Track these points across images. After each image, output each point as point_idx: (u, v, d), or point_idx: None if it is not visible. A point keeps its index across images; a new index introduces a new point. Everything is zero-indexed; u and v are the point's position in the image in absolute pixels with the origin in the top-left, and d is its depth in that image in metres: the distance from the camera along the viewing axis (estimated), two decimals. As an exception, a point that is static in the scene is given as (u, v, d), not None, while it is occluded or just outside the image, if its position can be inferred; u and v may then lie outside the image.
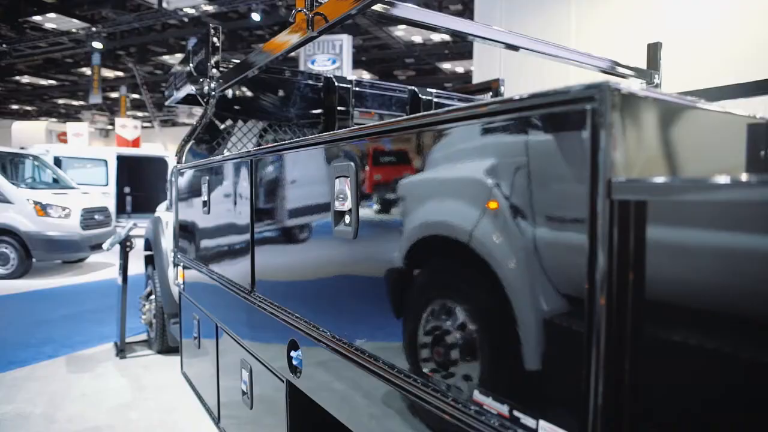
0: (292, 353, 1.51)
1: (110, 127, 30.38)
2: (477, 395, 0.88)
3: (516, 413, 0.81)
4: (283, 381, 1.63)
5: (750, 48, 5.31)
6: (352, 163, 1.18)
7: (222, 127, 3.18)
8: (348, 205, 1.20)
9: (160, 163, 15.24)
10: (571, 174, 0.72)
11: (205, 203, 2.41)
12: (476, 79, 9.65)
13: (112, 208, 11.00)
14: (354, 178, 1.18)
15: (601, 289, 0.68)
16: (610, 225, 0.67)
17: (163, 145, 21.15)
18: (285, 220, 1.62)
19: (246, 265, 1.91)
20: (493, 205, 0.84)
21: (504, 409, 0.83)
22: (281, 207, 1.65)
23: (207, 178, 2.38)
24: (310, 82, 3.46)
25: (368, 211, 1.14)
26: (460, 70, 21.57)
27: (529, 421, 0.78)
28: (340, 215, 1.25)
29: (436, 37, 17.28)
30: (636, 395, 0.68)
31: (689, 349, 0.65)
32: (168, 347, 5.01)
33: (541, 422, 0.76)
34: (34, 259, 8.87)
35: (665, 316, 0.67)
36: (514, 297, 0.81)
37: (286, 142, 1.60)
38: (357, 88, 3.58)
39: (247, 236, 1.90)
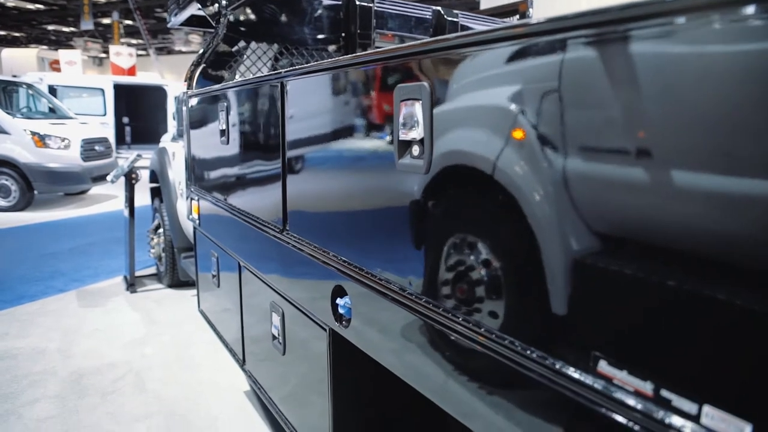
0: (338, 300, 1.36)
1: (104, 55, 29.43)
2: (604, 366, 0.72)
3: (666, 393, 0.65)
4: (325, 329, 1.49)
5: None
6: (426, 84, 0.98)
7: (234, 49, 2.92)
8: (419, 133, 1.01)
9: (158, 92, 14.79)
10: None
11: (224, 132, 2.20)
12: (485, 5, 9.09)
13: (111, 139, 10.70)
14: (428, 102, 0.97)
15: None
16: None
17: (159, 73, 20.49)
18: (326, 152, 1.43)
19: (276, 201, 1.73)
20: (645, 134, 0.65)
21: (646, 387, 0.67)
22: (320, 136, 1.45)
23: (225, 104, 2.16)
24: (330, 0, 3.16)
25: (447, 141, 0.95)
26: (466, -5, 20.56)
27: (686, 404, 0.63)
28: (405, 146, 1.06)
29: (444, -41, 16.33)
30: None
31: None
32: (179, 281, 4.93)
33: (707, 408, 0.61)
34: (35, 192, 8.71)
35: None
36: (675, 242, 0.63)
37: (328, 61, 1.38)
38: (379, 8, 3.28)
39: (277, 169, 1.71)
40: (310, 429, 1.71)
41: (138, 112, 15.77)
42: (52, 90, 13.26)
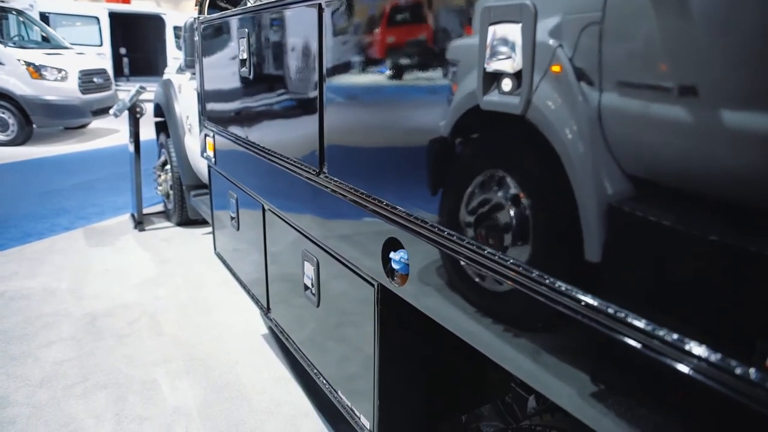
0: (392, 255, 1.22)
1: (96, -19, 28.10)
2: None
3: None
4: (372, 285, 1.35)
5: None
6: (529, 3, 0.79)
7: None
8: (513, 65, 0.83)
9: (156, 21, 14.19)
10: None
11: (245, 62, 2.00)
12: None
13: (109, 71, 10.30)
14: (530, 27, 0.79)
15: None
16: None
17: (155, 2, 19.63)
18: (376, 83, 1.24)
19: (311, 140, 1.56)
20: None
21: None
22: (369, 64, 1.27)
23: (247, 31, 1.94)
24: None
25: (555, 76, 0.78)
26: None
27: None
28: (492, 79, 0.88)
29: None
30: None
31: None
32: (188, 219, 4.81)
33: None
34: (34, 126, 8.46)
35: None
36: None
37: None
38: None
39: (312, 104, 1.53)
40: (346, 382, 1.62)
41: (135, 43, 15.21)
42: (44, 17, 12.71)
